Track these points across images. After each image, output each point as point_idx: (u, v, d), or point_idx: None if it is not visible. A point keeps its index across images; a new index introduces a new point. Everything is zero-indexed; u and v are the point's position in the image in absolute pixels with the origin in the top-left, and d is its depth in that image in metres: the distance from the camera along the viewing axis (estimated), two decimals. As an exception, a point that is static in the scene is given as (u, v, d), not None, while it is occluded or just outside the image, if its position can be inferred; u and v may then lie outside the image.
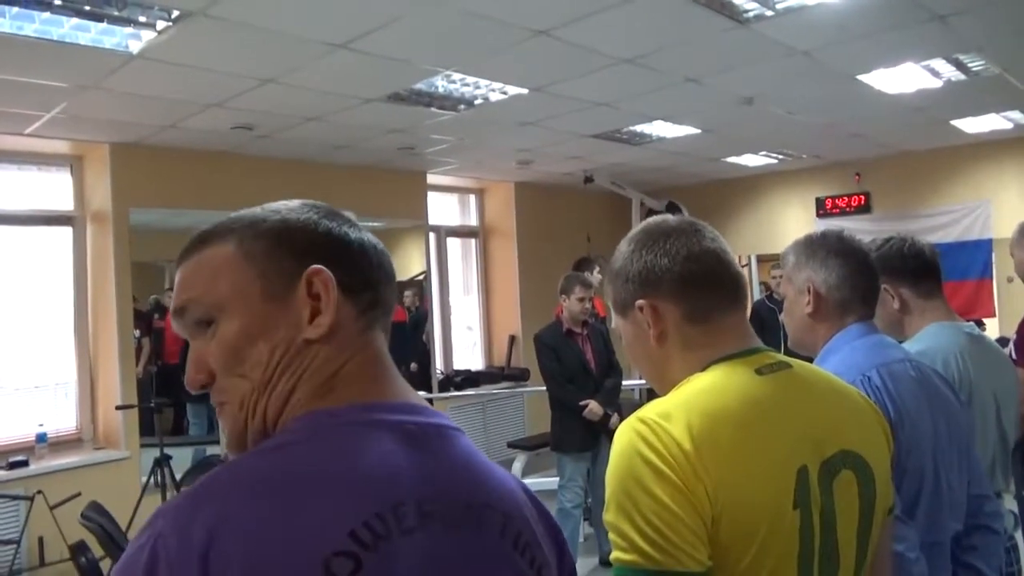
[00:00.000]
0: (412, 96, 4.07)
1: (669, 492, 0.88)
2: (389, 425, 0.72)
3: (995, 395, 1.81)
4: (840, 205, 6.97)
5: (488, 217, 7.45)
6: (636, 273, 1.08)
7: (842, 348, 1.47)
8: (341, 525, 0.64)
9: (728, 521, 0.89)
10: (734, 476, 0.91)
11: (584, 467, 4.37)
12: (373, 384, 0.76)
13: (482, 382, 6.83)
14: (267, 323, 0.74)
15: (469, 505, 0.72)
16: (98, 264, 4.80)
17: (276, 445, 0.70)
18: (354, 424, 0.71)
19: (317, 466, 0.67)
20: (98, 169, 4.77)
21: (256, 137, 4.72)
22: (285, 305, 0.74)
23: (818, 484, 0.96)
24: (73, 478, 4.31)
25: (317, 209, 0.80)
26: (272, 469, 0.66)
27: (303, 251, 0.75)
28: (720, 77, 4.01)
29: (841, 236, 1.53)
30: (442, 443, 0.75)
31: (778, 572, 0.92)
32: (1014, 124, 5.55)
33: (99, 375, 4.85)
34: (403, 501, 0.67)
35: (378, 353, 0.78)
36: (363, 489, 0.66)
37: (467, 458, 0.77)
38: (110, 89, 3.61)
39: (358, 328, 0.77)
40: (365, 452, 0.69)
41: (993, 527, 1.53)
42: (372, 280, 0.79)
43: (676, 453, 0.90)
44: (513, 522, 0.75)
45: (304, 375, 0.74)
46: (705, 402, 0.96)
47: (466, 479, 0.74)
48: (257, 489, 0.64)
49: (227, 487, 0.65)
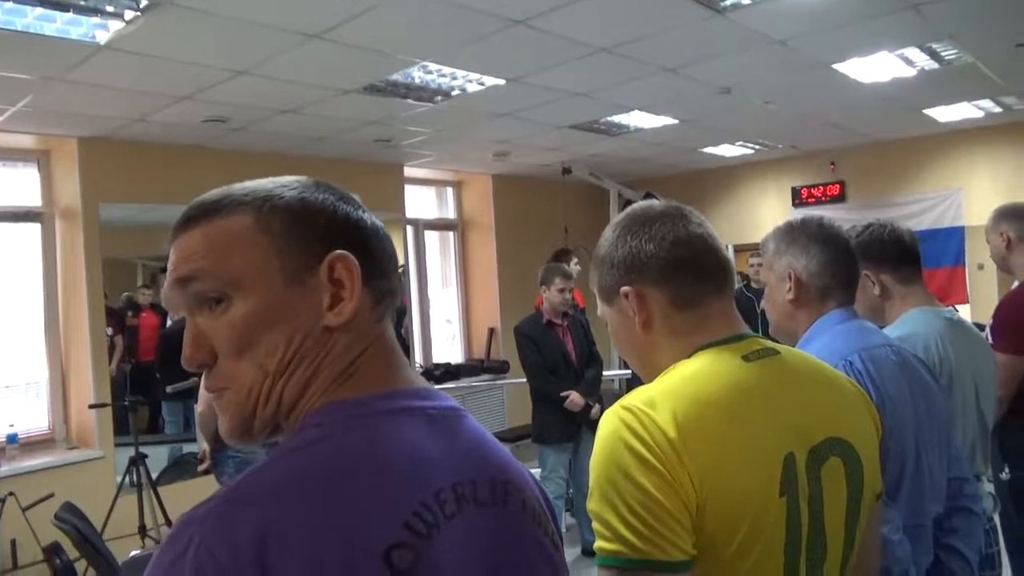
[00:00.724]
0: (388, 87, 4.02)
1: (654, 481, 0.87)
2: (415, 412, 0.72)
3: (974, 379, 1.83)
4: (816, 194, 7.04)
5: (466, 210, 7.42)
6: (621, 259, 1.06)
7: (823, 334, 1.47)
8: (395, 517, 0.64)
9: (713, 509, 0.88)
10: (720, 464, 0.90)
11: (566, 458, 4.37)
12: (391, 372, 0.75)
13: (462, 375, 6.80)
14: (287, 307, 0.70)
15: (493, 483, 0.73)
16: (68, 261, 4.71)
17: (310, 440, 0.67)
18: (384, 414, 0.70)
19: (360, 459, 0.65)
20: (66, 164, 4.67)
21: (229, 130, 4.65)
22: (304, 288, 0.70)
23: (805, 471, 0.95)
24: (46, 479, 4.23)
25: (332, 191, 0.76)
26: (315, 466, 0.64)
27: (324, 233, 0.71)
28: (697, 67, 4.01)
29: (821, 223, 1.53)
30: (459, 425, 0.76)
31: (765, 559, 0.91)
32: (985, 113, 5.63)
33: (71, 374, 4.76)
34: (442, 487, 0.68)
35: (391, 342, 0.78)
36: (407, 479, 0.66)
37: (481, 438, 0.78)
38: (77, 81, 3.53)
39: (374, 317, 0.75)
40: (402, 441, 0.68)
41: (973, 509, 1.55)
42: (387, 269, 0.77)
43: (661, 441, 0.89)
44: (529, 496, 0.77)
45: (323, 364, 0.71)
46: (691, 389, 0.95)
47: (485, 458, 0.75)
48: (305, 487, 0.62)
49: (271, 488, 0.62)
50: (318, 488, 0.62)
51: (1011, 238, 2.57)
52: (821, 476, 0.97)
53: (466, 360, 7.25)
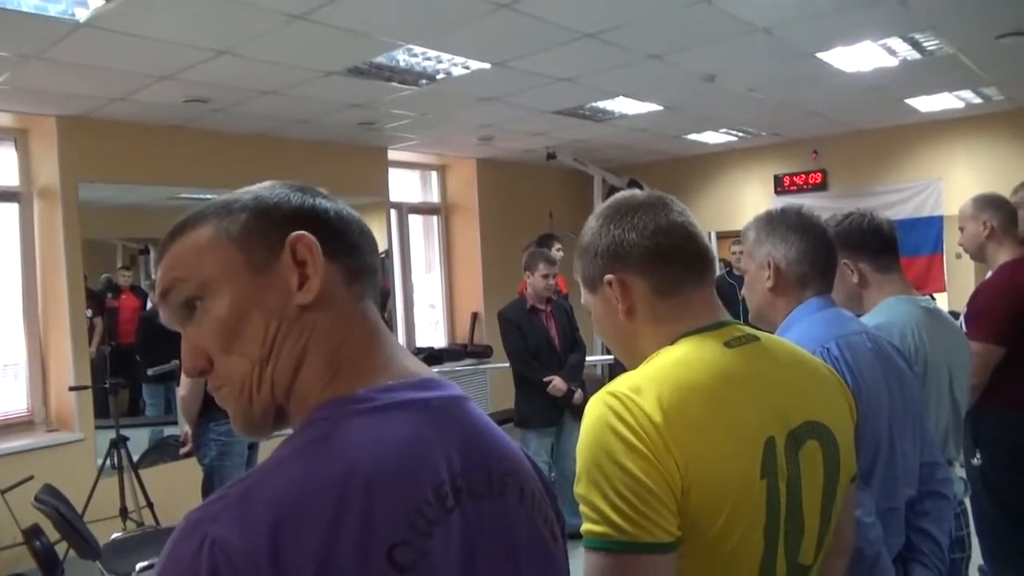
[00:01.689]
0: (373, 70, 3.99)
1: (640, 464, 0.89)
2: (415, 405, 0.72)
3: (949, 367, 1.87)
4: (798, 182, 7.08)
5: (450, 194, 7.40)
6: (604, 248, 1.08)
7: (801, 321, 1.50)
8: (398, 515, 0.65)
9: (697, 492, 0.90)
10: (703, 448, 0.92)
11: (548, 443, 4.41)
12: (386, 361, 0.75)
13: (445, 359, 6.82)
14: (256, 295, 0.73)
15: (490, 473, 0.74)
16: (47, 241, 4.65)
17: (314, 439, 0.68)
18: (385, 408, 0.70)
19: (363, 457, 0.66)
20: (45, 143, 4.60)
21: (211, 111, 4.59)
22: (271, 275, 0.73)
23: (784, 454, 0.98)
24: (25, 461, 4.20)
25: (289, 186, 0.79)
26: (321, 466, 0.65)
27: (282, 222, 0.75)
28: (682, 53, 4.02)
29: (800, 212, 1.55)
30: (460, 414, 0.76)
31: (746, 540, 0.94)
32: (965, 103, 5.68)
33: (50, 356, 4.72)
34: (443, 482, 0.69)
35: (378, 325, 0.78)
36: (410, 476, 0.67)
37: (482, 426, 0.78)
38: (56, 59, 3.47)
39: (351, 296, 0.76)
40: (403, 437, 0.69)
41: (944, 493, 1.58)
42: (356, 245, 0.78)
43: (647, 426, 0.91)
44: (527, 484, 0.78)
45: (308, 345, 0.73)
46: (675, 375, 0.97)
47: (484, 448, 0.76)
48: (313, 487, 0.63)
49: (281, 488, 0.63)
50: (325, 488, 0.63)
51: (994, 227, 2.60)
52: (799, 459, 1.00)
53: (449, 345, 7.26)
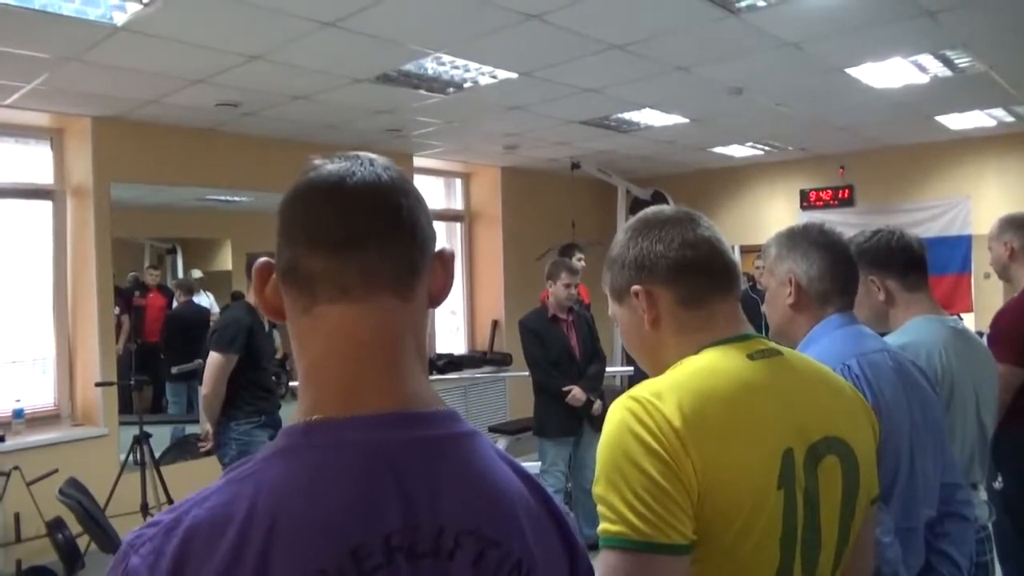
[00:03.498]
0: (401, 77, 4.04)
1: (658, 468, 0.91)
2: (363, 448, 0.65)
3: (975, 388, 1.85)
4: (824, 198, 7.02)
5: (474, 201, 7.43)
6: (632, 259, 1.11)
7: (823, 338, 1.49)
8: (298, 571, 0.60)
9: (713, 497, 0.92)
10: (721, 454, 0.93)
11: (566, 452, 4.40)
12: (360, 384, 0.68)
13: (464, 366, 6.83)
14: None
15: (441, 530, 0.65)
16: (78, 239, 4.74)
17: (240, 474, 0.65)
18: (326, 447, 0.65)
19: (272, 502, 0.62)
20: (79, 143, 4.69)
21: (241, 114, 4.67)
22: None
23: (803, 467, 0.99)
24: (50, 454, 4.27)
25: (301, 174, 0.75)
26: (230, 504, 0.62)
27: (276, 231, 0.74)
28: (710, 67, 4.01)
29: (822, 228, 1.55)
30: (432, 458, 0.67)
31: (761, 550, 0.95)
32: (997, 121, 5.61)
33: (78, 351, 4.80)
34: (363, 543, 0.62)
35: (355, 335, 0.69)
36: (321, 530, 0.61)
37: (460, 474, 0.68)
38: (93, 62, 3.55)
39: (298, 306, 0.70)
40: (329, 487, 0.63)
41: (965, 515, 1.57)
42: (293, 239, 0.71)
43: (666, 430, 0.92)
44: (496, 548, 0.67)
45: (297, 362, 0.72)
46: (697, 382, 0.99)
47: (450, 502, 0.66)
48: (216, 527, 0.61)
49: (194, 519, 0.62)
50: (229, 528, 0.60)
51: (1014, 248, 2.59)
52: (818, 473, 1.00)
53: (469, 352, 7.27)
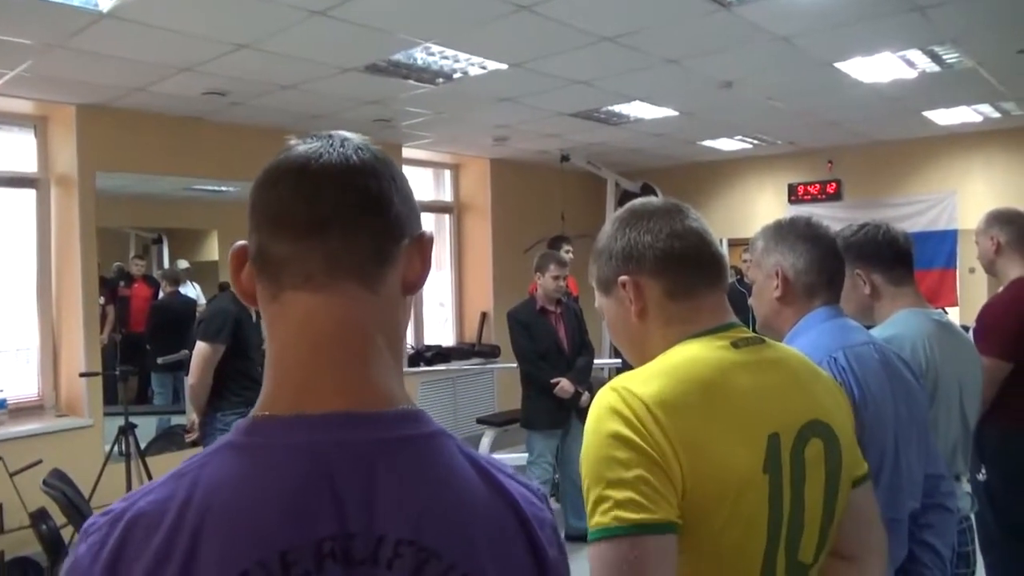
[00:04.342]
0: (390, 67, 4.01)
1: (638, 458, 0.91)
2: (305, 449, 0.62)
3: (959, 381, 1.86)
4: (812, 192, 7.06)
5: (463, 193, 7.41)
6: (619, 250, 1.11)
7: (809, 330, 1.50)
8: (223, 572, 0.58)
9: (699, 484, 0.92)
10: (703, 440, 0.94)
11: (554, 444, 4.41)
12: (312, 383, 0.65)
13: (453, 358, 6.83)
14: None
15: (381, 540, 0.61)
16: (63, 228, 4.69)
17: (184, 468, 0.64)
18: (266, 447, 0.63)
19: (204, 500, 0.60)
20: (64, 131, 4.64)
21: (229, 103, 4.63)
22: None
23: (789, 451, 1.00)
24: (34, 445, 4.24)
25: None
26: (173, 499, 0.61)
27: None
28: (700, 59, 4.02)
29: (809, 222, 1.56)
30: (377, 463, 0.63)
31: (748, 533, 0.96)
32: (984, 117, 5.65)
33: (62, 342, 4.76)
34: (293, 547, 0.59)
35: (313, 325, 0.66)
36: (253, 533, 0.59)
37: (407, 480, 0.64)
38: (78, 48, 3.51)
39: (264, 295, 0.69)
40: (263, 487, 0.61)
41: (948, 506, 1.58)
42: (259, 224, 0.69)
43: (646, 419, 0.93)
44: (439, 560, 0.62)
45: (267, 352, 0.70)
46: (679, 370, 0.99)
47: (390, 509, 0.62)
48: (154, 522, 0.60)
49: (138, 510, 0.61)
50: (165, 528, 0.59)
51: (1001, 242, 2.60)
52: (804, 456, 1.01)
53: (457, 343, 7.27)
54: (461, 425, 6.61)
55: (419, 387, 6.46)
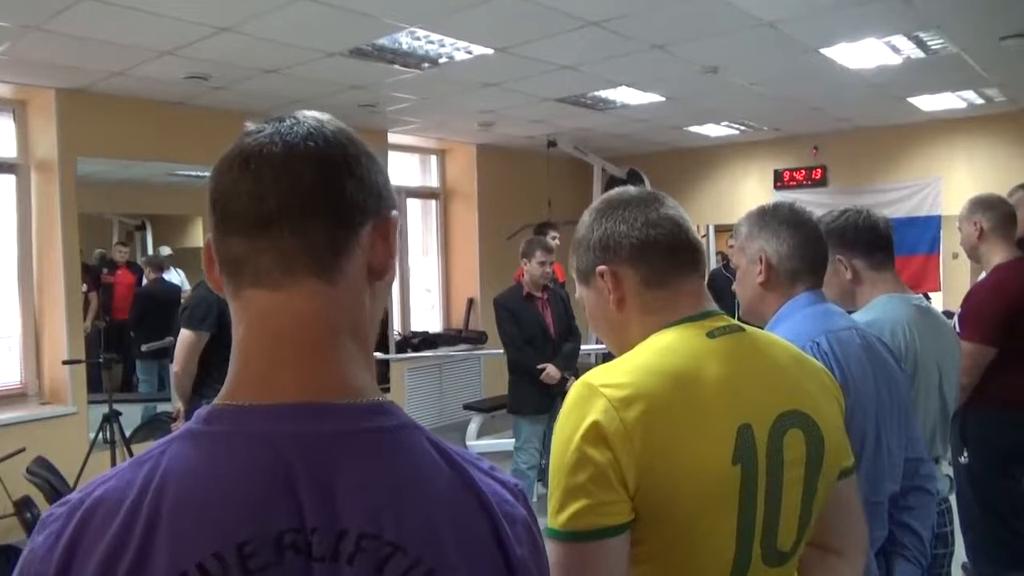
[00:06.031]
0: (375, 52, 3.98)
1: (597, 456, 0.92)
2: (264, 439, 0.61)
3: (939, 365, 1.88)
4: (797, 178, 7.08)
5: (449, 179, 7.38)
6: (596, 240, 1.11)
7: (792, 315, 1.51)
8: (173, 565, 0.57)
9: (660, 479, 0.93)
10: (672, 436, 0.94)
11: (540, 429, 4.43)
12: (271, 375, 0.64)
13: (440, 344, 6.83)
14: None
15: (344, 534, 0.59)
16: (43, 215, 4.64)
17: (147, 457, 0.63)
18: (225, 435, 0.62)
19: (170, 489, 0.59)
20: (43, 115, 4.57)
21: (211, 88, 4.57)
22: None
23: (766, 442, 0.99)
24: (17, 433, 4.21)
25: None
26: (130, 487, 0.60)
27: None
28: (686, 45, 4.01)
29: (792, 207, 1.56)
30: (339, 455, 0.62)
31: (717, 525, 0.96)
32: (968, 104, 5.68)
33: (44, 329, 4.71)
34: (251, 539, 0.58)
35: (284, 324, 0.65)
36: (209, 524, 0.58)
37: (370, 473, 0.62)
38: (56, 31, 3.45)
39: (230, 290, 0.68)
40: (220, 478, 0.60)
41: (927, 488, 1.60)
42: (223, 213, 0.67)
43: (612, 421, 0.93)
44: (403, 555, 0.60)
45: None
46: (651, 363, 1.00)
47: (352, 502, 0.60)
48: (111, 512, 0.59)
49: (90, 503, 0.60)
50: (121, 518, 0.59)
51: (984, 228, 2.63)
52: (783, 446, 1.01)
53: (444, 330, 7.27)
54: (448, 411, 6.62)
55: (406, 373, 6.46)
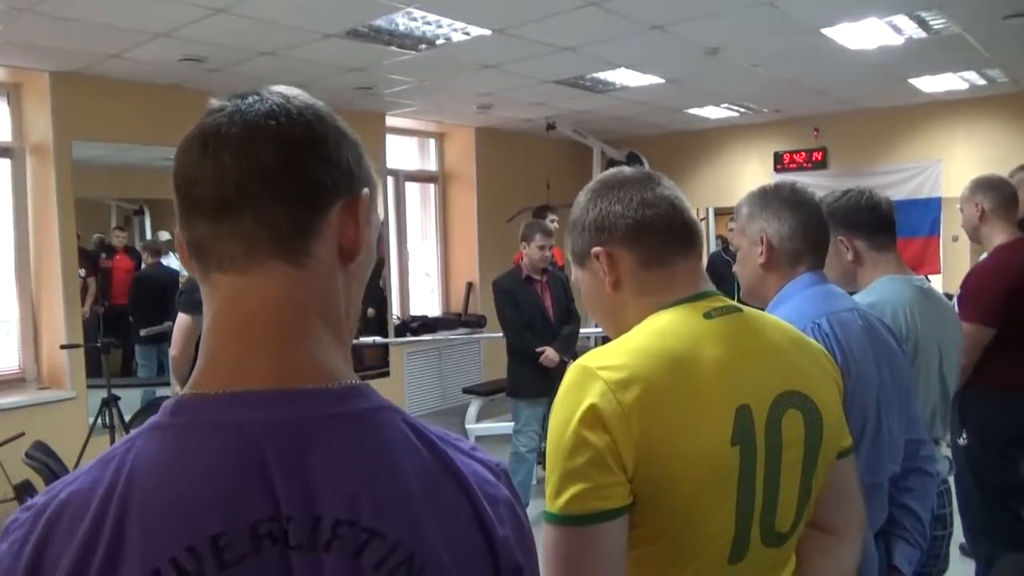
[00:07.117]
0: (372, 33, 3.94)
1: (594, 439, 0.91)
2: (233, 427, 0.59)
3: (939, 346, 1.88)
4: (798, 160, 7.05)
5: (448, 162, 7.35)
6: (592, 221, 1.10)
7: (793, 297, 1.50)
8: (146, 560, 0.55)
9: (659, 461, 0.92)
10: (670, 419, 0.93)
11: (539, 412, 4.43)
12: (239, 361, 0.62)
13: (439, 328, 6.83)
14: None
15: (319, 521, 0.58)
16: (39, 199, 4.61)
17: (113, 454, 0.61)
18: (192, 426, 0.60)
19: (138, 484, 0.57)
20: (38, 99, 4.53)
21: (207, 70, 4.53)
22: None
23: (765, 423, 0.99)
24: (16, 417, 4.21)
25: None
26: (97, 486, 0.58)
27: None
28: (686, 25, 3.97)
29: (794, 188, 1.55)
30: (311, 440, 0.60)
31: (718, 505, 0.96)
32: (969, 84, 5.64)
33: (42, 314, 4.71)
34: (226, 530, 0.56)
35: (252, 309, 0.63)
36: (180, 517, 0.56)
37: (344, 458, 0.60)
38: (49, 13, 3.41)
39: (199, 275, 0.66)
40: (189, 469, 0.58)
41: (927, 470, 1.60)
42: (187, 195, 0.65)
43: (609, 398, 0.92)
44: (382, 541, 0.59)
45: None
46: (648, 345, 0.99)
47: (327, 488, 0.59)
48: (78, 513, 0.57)
49: (56, 505, 0.59)
50: (89, 518, 0.57)
51: (985, 209, 2.61)
52: (781, 427, 1.01)
53: (443, 314, 7.26)
54: (447, 395, 6.63)
55: (405, 357, 6.46)
